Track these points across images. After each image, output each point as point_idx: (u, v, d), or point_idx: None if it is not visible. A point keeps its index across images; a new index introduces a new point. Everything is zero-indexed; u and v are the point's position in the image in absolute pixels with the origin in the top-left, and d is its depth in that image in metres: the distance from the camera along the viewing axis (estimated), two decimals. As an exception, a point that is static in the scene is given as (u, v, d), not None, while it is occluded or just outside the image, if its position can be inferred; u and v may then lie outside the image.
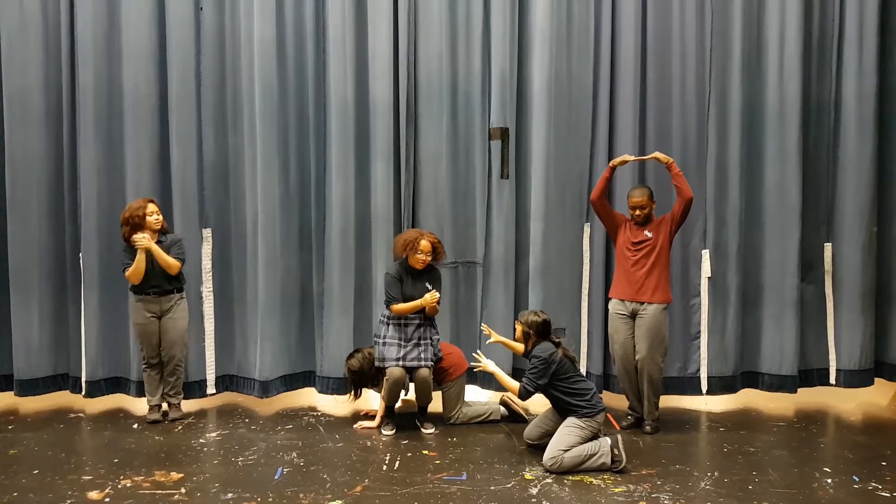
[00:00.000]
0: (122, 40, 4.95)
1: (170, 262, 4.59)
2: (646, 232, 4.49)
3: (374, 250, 5.11)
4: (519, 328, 4.15)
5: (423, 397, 4.61)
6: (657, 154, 4.56)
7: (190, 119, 4.99)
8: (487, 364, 4.20)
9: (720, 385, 5.10)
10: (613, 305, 4.59)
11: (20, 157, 4.97)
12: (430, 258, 4.53)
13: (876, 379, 5.20)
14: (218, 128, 5.06)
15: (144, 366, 4.74)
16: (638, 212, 4.48)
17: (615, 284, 4.62)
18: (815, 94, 5.12)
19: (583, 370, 5.08)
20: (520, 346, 4.30)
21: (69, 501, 3.52)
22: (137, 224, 4.53)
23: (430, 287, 4.52)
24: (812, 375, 5.22)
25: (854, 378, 5.14)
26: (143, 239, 4.50)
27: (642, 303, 4.45)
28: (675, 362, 5.07)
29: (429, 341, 4.56)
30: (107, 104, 4.97)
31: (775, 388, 5.11)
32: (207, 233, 5.04)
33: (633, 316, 4.50)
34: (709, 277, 5.06)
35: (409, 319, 4.53)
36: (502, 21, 5.02)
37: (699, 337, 5.10)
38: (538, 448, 4.08)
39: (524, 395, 4.01)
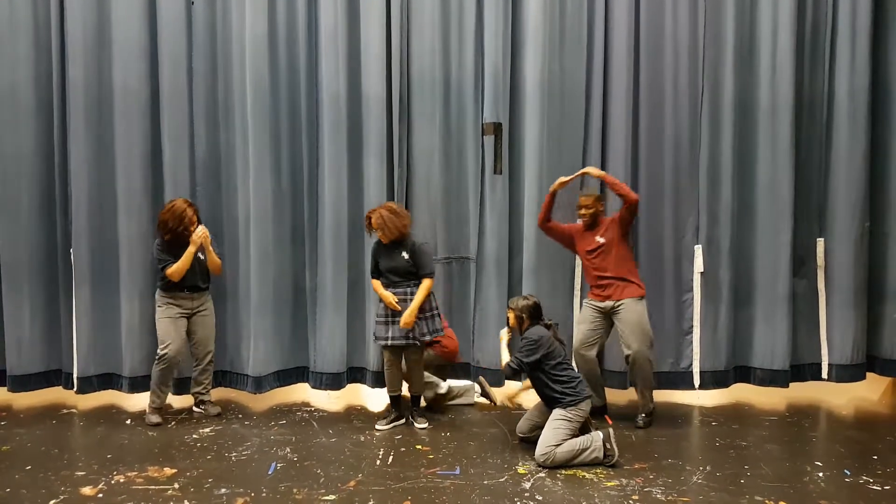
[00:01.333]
0: (113, 36, 4.93)
1: (217, 261, 4.70)
2: (597, 238, 4.57)
3: (367, 246, 5.09)
4: (511, 315, 4.17)
5: (415, 382, 4.58)
6: (588, 169, 4.61)
7: (181, 115, 4.98)
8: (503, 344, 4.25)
9: (712, 380, 5.12)
10: (589, 300, 4.67)
11: (10, 154, 4.95)
12: (387, 233, 4.40)
13: (868, 374, 5.22)
14: (210, 124, 5.05)
15: (164, 366, 4.58)
16: (583, 210, 4.61)
17: (590, 289, 4.68)
18: (807, 90, 5.13)
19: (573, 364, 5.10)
20: None
21: (62, 497, 3.51)
22: (181, 232, 4.53)
23: (406, 258, 4.43)
24: (804, 370, 5.24)
25: (846, 373, 5.16)
26: (201, 232, 4.53)
27: (615, 301, 4.51)
28: (667, 357, 5.10)
29: (421, 315, 4.44)
30: (97, 100, 4.95)
31: (767, 383, 5.13)
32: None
33: (609, 314, 4.55)
34: (701, 273, 5.08)
35: (394, 290, 4.45)
36: (495, 16, 5.02)
37: (692, 332, 5.12)
38: (530, 442, 4.10)
39: (509, 373, 4.06)
